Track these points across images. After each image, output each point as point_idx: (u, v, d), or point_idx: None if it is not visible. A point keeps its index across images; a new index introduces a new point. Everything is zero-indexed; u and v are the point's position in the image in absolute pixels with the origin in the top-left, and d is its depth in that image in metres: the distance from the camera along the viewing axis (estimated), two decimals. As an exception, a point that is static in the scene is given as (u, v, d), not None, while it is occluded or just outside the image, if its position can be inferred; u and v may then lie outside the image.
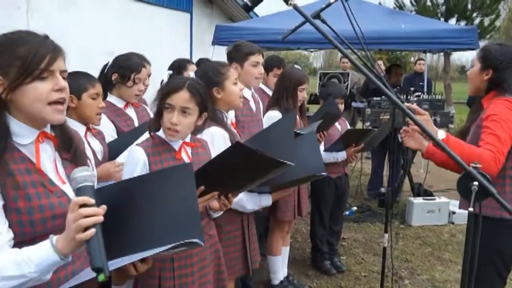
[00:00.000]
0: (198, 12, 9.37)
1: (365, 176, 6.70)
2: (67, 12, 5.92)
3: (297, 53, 27.72)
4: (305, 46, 6.27)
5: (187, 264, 1.97)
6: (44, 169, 1.38)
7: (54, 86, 1.33)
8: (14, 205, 1.28)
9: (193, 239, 1.35)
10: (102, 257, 1.18)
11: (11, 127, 1.34)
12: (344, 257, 4.49)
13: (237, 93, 2.47)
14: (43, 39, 1.36)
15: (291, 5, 1.59)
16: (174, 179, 1.50)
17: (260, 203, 2.55)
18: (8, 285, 1.22)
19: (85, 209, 1.19)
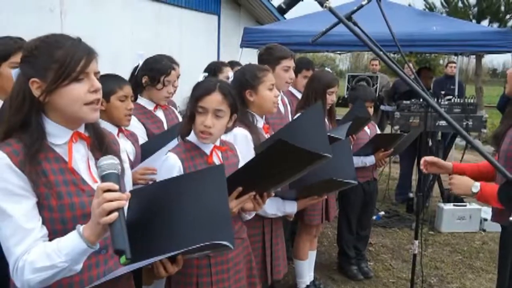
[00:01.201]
0: (225, 15, 9.42)
1: (393, 181, 6.59)
2: (99, 14, 6.03)
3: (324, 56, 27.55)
4: (333, 49, 6.20)
5: (223, 269, 1.97)
6: (76, 168, 1.41)
7: (90, 87, 1.36)
8: (46, 203, 1.32)
9: (222, 241, 1.34)
10: (125, 240, 1.21)
11: (46, 128, 1.38)
12: (371, 263, 4.42)
13: (271, 98, 2.44)
14: (78, 42, 1.39)
15: (326, 7, 1.56)
16: (206, 181, 1.50)
17: (284, 210, 2.48)
18: (41, 276, 1.26)
19: (108, 193, 1.21)
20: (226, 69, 3.82)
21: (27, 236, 1.28)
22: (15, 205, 1.28)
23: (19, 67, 1.39)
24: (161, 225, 1.47)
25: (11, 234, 1.28)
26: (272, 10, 10.02)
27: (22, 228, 1.28)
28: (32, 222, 1.30)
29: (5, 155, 1.29)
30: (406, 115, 5.26)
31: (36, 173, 1.31)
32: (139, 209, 1.56)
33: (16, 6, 4.86)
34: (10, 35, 2.14)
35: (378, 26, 2.98)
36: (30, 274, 1.26)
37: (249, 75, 2.41)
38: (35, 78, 1.33)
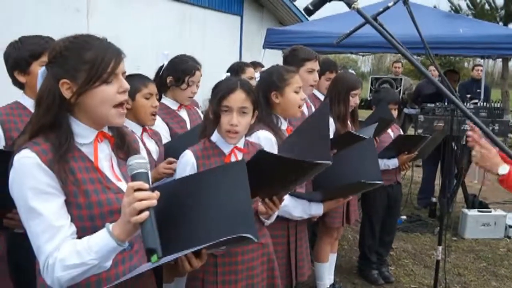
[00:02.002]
0: (248, 15, 9.43)
1: (415, 185, 6.50)
2: (124, 15, 6.11)
3: (345, 57, 27.33)
4: (357, 50, 6.16)
5: (231, 271, 1.96)
6: (101, 167, 1.43)
7: (119, 88, 1.38)
8: (75, 201, 1.34)
9: (245, 234, 1.34)
10: (156, 239, 1.22)
11: (73, 128, 1.40)
12: (392, 268, 4.36)
13: (296, 101, 2.42)
14: (106, 42, 1.40)
15: (354, 9, 1.54)
16: (228, 176, 1.51)
17: (310, 212, 2.46)
18: (72, 273, 1.27)
19: (139, 192, 1.22)
20: (248, 70, 3.83)
21: (57, 233, 1.29)
22: (45, 203, 1.29)
23: (46, 67, 1.40)
24: (184, 221, 1.49)
25: (41, 231, 1.29)
26: (295, 11, 10.00)
27: (52, 226, 1.29)
28: (61, 220, 1.31)
29: (34, 154, 1.30)
30: (430, 119, 5.18)
31: (64, 172, 1.32)
32: (162, 206, 1.57)
33: (44, 6, 4.96)
34: (39, 35, 2.15)
35: (402, 28, 2.95)
36: (60, 271, 1.27)
37: (276, 76, 2.39)
38: (65, 79, 1.34)
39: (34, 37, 2.11)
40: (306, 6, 1.57)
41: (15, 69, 2.10)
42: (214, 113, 1.97)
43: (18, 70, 2.09)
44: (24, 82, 2.12)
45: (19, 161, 1.30)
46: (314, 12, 1.58)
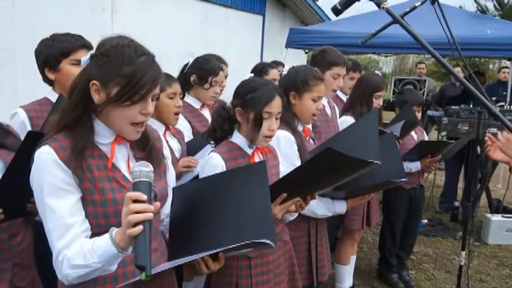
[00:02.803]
0: (270, 15, 9.42)
1: (437, 188, 6.40)
2: (147, 14, 6.17)
3: (367, 58, 27.04)
4: (380, 51, 6.09)
5: (263, 271, 1.96)
6: (118, 167, 1.44)
7: (142, 109, 1.37)
8: (90, 198, 1.35)
9: (264, 239, 1.32)
10: (147, 255, 1.16)
11: (95, 127, 1.41)
12: (412, 272, 4.31)
13: (311, 109, 2.39)
14: (150, 63, 1.35)
15: (384, 8, 1.53)
16: (248, 178, 1.50)
17: (334, 210, 2.45)
18: (77, 273, 1.29)
19: (135, 204, 1.16)
20: (272, 71, 3.82)
21: (67, 231, 1.31)
22: (59, 200, 1.31)
23: (90, 58, 1.37)
24: (202, 222, 1.48)
25: (53, 228, 1.31)
26: (317, 11, 9.95)
27: (63, 223, 1.31)
28: (74, 217, 1.33)
29: (52, 150, 1.32)
30: (454, 121, 5.08)
31: (81, 169, 1.34)
32: (181, 206, 1.58)
33: (71, 5, 5.04)
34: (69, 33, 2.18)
35: (426, 28, 2.90)
36: (67, 269, 1.29)
37: (300, 77, 2.37)
38: (96, 81, 1.34)
39: (65, 35, 2.13)
40: (334, 5, 1.56)
41: (45, 66, 2.14)
42: (256, 117, 1.93)
43: (48, 67, 2.13)
44: (54, 79, 2.16)
45: (38, 156, 1.33)
46: (342, 12, 1.57)
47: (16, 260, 1.76)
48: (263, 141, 1.99)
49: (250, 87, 1.97)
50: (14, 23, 4.49)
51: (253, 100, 1.93)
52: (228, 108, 2.03)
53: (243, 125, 1.98)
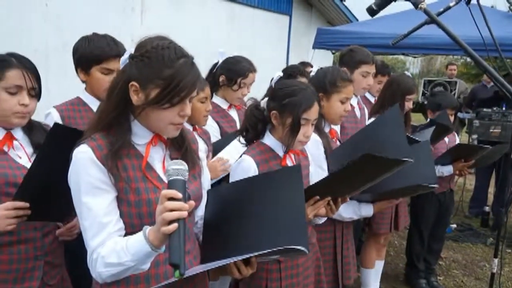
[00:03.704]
0: (297, 15, 9.37)
1: (467, 192, 6.25)
2: (176, 14, 6.22)
3: (393, 58, 26.64)
4: (410, 52, 5.97)
5: (293, 274, 1.95)
6: (154, 167, 1.44)
7: (180, 111, 1.37)
8: (125, 197, 1.36)
9: (298, 246, 1.30)
10: (181, 253, 1.16)
11: (132, 127, 1.42)
12: (441, 278, 4.22)
13: (339, 111, 2.36)
14: (189, 66, 1.35)
15: (421, 9, 1.49)
16: (283, 182, 1.48)
17: (360, 213, 2.43)
18: (111, 271, 1.29)
19: (170, 202, 1.16)
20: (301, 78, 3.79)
21: (102, 229, 1.32)
22: (95, 198, 1.32)
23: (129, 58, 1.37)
24: (236, 226, 1.47)
25: (89, 226, 1.33)
26: (344, 11, 9.85)
27: (98, 221, 1.32)
28: (109, 216, 1.34)
29: (89, 149, 1.33)
30: (486, 124, 4.96)
31: (116, 168, 1.34)
32: (215, 209, 1.57)
33: (101, 6, 5.12)
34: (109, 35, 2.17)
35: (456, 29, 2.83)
36: (101, 267, 1.30)
37: (329, 79, 2.34)
38: (135, 82, 1.34)
39: (102, 40, 2.13)
40: (370, 6, 1.53)
41: (78, 66, 2.17)
42: (294, 123, 1.90)
43: (80, 68, 2.16)
44: (85, 80, 2.19)
45: (76, 155, 1.34)
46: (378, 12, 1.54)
47: (47, 259, 1.78)
48: (297, 146, 1.98)
49: (288, 91, 1.93)
50: (46, 23, 4.59)
51: (291, 105, 1.89)
52: (262, 108, 2.01)
53: (278, 129, 1.96)
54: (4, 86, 1.64)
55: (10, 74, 1.64)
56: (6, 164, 1.66)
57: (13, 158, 1.70)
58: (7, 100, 1.65)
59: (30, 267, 1.72)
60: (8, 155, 1.69)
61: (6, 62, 1.66)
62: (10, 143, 1.71)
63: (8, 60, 1.66)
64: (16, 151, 1.72)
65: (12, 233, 1.64)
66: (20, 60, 1.69)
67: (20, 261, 1.69)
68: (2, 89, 1.64)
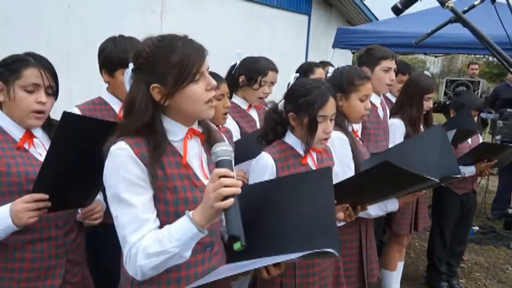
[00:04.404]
0: (316, 15, 9.34)
1: (490, 194, 6.13)
2: (196, 14, 6.25)
3: (413, 58, 26.29)
4: (431, 51, 5.89)
5: (309, 273, 1.94)
6: (190, 164, 1.44)
7: (207, 86, 1.39)
8: (163, 196, 1.36)
9: (330, 248, 1.29)
10: (240, 226, 1.22)
11: (165, 125, 1.42)
12: (463, 280, 4.15)
13: (359, 110, 2.34)
14: (190, 42, 1.40)
15: (448, 7, 1.47)
16: (313, 184, 1.47)
17: (386, 208, 2.40)
18: (154, 262, 1.29)
19: (225, 179, 1.23)
20: (318, 70, 3.77)
21: (142, 226, 1.32)
22: (134, 195, 1.32)
23: (133, 71, 1.41)
24: (264, 227, 1.45)
25: (128, 222, 1.33)
26: (365, 10, 9.77)
27: (139, 218, 1.32)
28: (148, 213, 1.34)
29: (128, 146, 1.34)
30: (510, 124, 4.85)
31: (155, 167, 1.35)
32: (242, 209, 1.56)
33: (122, 7, 5.19)
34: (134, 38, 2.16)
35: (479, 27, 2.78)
36: (143, 259, 1.30)
37: (346, 78, 2.32)
38: (155, 83, 1.36)
39: (128, 43, 2.13)
40: (395, 5, 1.51)
41: (102, 67, 2.19)
42: (311, 122, 1.90)
43: (105, 69, 2.18)
44: (108, 81, 2.21)
45: (114, 151, 1.34)
46: (403, 11, 1.52)
47: (69, 257, 1.79)
48: (319, 144, 1.97)
49: (302, 91, 1.93)
50: (69, 25, 4.66)
51: (306, 104, 1.89)
52: (280, 111, 2.01)
53: (297, 129, 1.96)
54: (21, 84, 1.67)
55: (27, 73, 1.67)
56: (28, 161, 1.69)
57: (34, 155, 1.73)
58: (25, 98, 1.67)
59: (52, 265, 1.74)
60: (29, 153, 1.72)
61: (24, 61, 1.69)
62: (30, 141, 1.73)
63: (26, 59, 1.69)
64: (37, 148, 1.75)
65: (35, 231, 1.67)
66: (37, 59, 1.72)
67: (42, 259, 1.71)
68: (19, 88, 1.67)
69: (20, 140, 1.71)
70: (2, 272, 1.66)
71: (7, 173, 1.63)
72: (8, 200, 1.61)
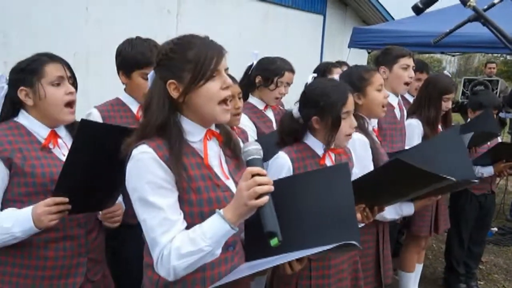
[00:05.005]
0: (331, 14, 9.30)
1: (508, 195, 6.04)
2: (210, 15, 6.28)
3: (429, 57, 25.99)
4: (449, 50, 5.83)
5: (324, 275, 1.93)
6: (210, 165, 1.45)
7: (222, 84, 1.39)
8: (187, 197, 1.37)
9: (351, 241, 1.30)
10: (276, 222, 1.25)
11: (183, 126, 1.42)
12: (482, 282, 4.09)
13: (379, 100, 2.33)
14: (208, 41, 1.41)
15: (470, 7, 1.45)
16: (332, 179, 1.48)
17: (401, 212, 2.38)
18: (187, 261, 1.30)
19: (259, 177, 1.25)
20: (336, 70, 3.75)
21: (172, 227, 1.33)
22: (162, 197, 1.33)
23: (154, 71, 1.44)
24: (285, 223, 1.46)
25: (157, 225, 1.32)
26: (380, 10, 9.70)
27: (168, 219, 1.32)
28: (176, 215, 1.35)
29: (151, 149, 1.34)
30: (529, 124, 4.77)
31: (178, 168, 1.35)
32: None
33: (138, 8, 5.24)
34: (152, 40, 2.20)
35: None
36: (176, 260, 1.30)
37: (355, 77, 2.32)
38: (172, 79, 1.37)
39: (145, 45, 2.15)
40: (415, 4, 1.50)
41: (120, 69, 2.21)
42: (335, 120, 1.90)
43: (122, 71, 2.21)
44: (125, 83, 2.23)
45: (137, 155, 1.34)
46: (424, 10, 1.50)
47: (91, 255, 1.82)
48: (344, 140, 1.98)
49: (322, 93, 1.92)
50: (87, 26, 4.72)
51: (329, 106, 1.89)
52: (297, 117, 1.98)
53: (321, 131, 1.95)
54: (47, 81, 1.70)
55: (49, 69, 1.71)
56: (52, 162, 1.72)
57: (58, 156, 1.76)
58: (55, 93, 1.71)
59: (74, 263, 1.76)
60: (53, 154, 1.75)
61: (40, 59, 1.72)
62: (55, 140, 1.77)
63: (41, 58, 1.73)
64: (61, 149, 1.78)
65: (58, 230, 1.69)
66: (51, 56, 1.76)
67: (65, 258, 1.74)
68: (47, 85, 1.70)
69: (46, 140, 1.74)
70: (26, 270, 1.70)
71: (32, 174, 1.66)
72: (33, 200, 1.64)
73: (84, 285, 1.80)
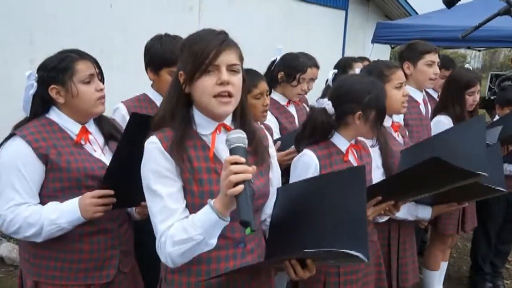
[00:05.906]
0: (353, 10, 9.22)
1: (537, 193, 5.89)
2: (233, 11, 6.29)
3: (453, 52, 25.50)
4: (475, 45, 5.71)
5: (353, 271, 1.92)
6: (220, 158, 1.45)
7: (217, 80, 1.38)
8: (189, 188, 1.40)
9: (355, 252, 1.24)
10: (250, 211, 1.21)
11: (195, 118, 1.46)
12: (508, 282, 4.02)
13: (398, 98, 2.28)
14: (216, 35, 1.41)
15: (503, -1, 1.41)
16: (346, 183, 1.45)
17: (416, 214, 2.33)
18: (180, 249, 1.33)
19: (235, 166, 1.23)
20: (357, 65, 3.71)
21: (171, 215, 1.37)
22: (164, 186, 1.37)
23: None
24: (298, 226, 1.46)
25: (158, 212, 1.38)
26: (403, 4, 9.56)
27: (167, 207, 1.37)
28: (176, 204, 1.38)
29: (157, 139, 1.39)
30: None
31: (181, 159, 1.39)
32: (283, 207, 1.57)
33: (161, 6, 5.28)
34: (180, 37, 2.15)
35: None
36: (170, 247, 1.34)
37: (375, 73, 2.28)
38: (181, 71, 1.42)
39: (174, 43, 2.17)
40: (446, -4, 1.46)
41: (148, 65, 2.24)
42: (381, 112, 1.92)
43: (150, 67, 2.23)
44: (153, 79, 2.25)
45: (147, 146, 1.41)
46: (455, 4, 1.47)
47: (123, 248, 1.87)
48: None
49: (362, 89, 1.91)
50: (111, 24, 4.78)
51: (374, 100, 1.90)
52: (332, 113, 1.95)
53: (360, 125, 1.92)
54: (79, 79, 1.74)
55: (80, 67, 1.74)
56: (84, 158, 1.76)
57: (89, 152, 1.80)
58: (86, 90, 1.75)
59: (108, 256, 1.82)
60: (85, 150, 1.79)
61: (70, 57, 1.74)
62: (86, 136, 1.81)
63: (70, 55, 1.75)
64: (92, 145, 1.82)
65: (92, 223, 1.74)
66: (80, 53, 1.79)
67: (99, 250, 1.79)
68: (79, 82, 1.74)
69: (77, 136, 1.78)
70: (62, 263, 1.75)
71: (68, 169, 1.70)
72: (67, 195, 1.70)
73: (117, 277, 1.85)
